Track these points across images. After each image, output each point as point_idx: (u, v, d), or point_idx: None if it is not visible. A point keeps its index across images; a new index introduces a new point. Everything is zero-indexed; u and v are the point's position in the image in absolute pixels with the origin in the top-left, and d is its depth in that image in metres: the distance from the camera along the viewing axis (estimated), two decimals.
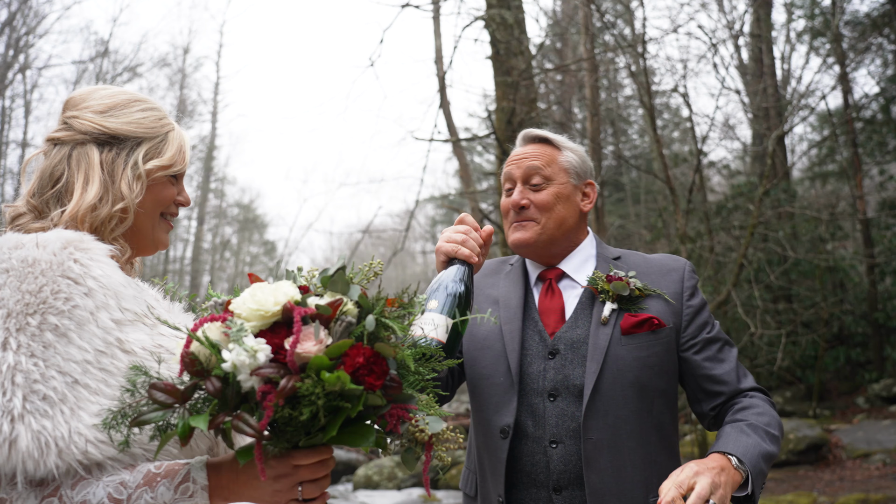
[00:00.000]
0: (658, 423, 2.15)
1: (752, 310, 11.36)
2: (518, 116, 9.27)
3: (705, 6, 15.78)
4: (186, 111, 33.23)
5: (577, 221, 2.34)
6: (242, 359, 1.22)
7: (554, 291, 2.30)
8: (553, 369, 2.17)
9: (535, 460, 2.13)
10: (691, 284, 2.29)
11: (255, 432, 1.22)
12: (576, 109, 18.82)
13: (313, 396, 1.21)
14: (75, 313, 1.43)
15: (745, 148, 17.71)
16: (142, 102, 1.77)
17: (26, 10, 24.38)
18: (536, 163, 2.30)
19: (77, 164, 1.67)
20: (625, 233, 17.64)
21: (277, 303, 1.30)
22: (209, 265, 34.63)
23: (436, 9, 12.42)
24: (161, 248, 1.83)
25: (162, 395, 1.27)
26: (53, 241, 1.50)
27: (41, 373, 1.37)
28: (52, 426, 1.34)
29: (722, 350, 2.24)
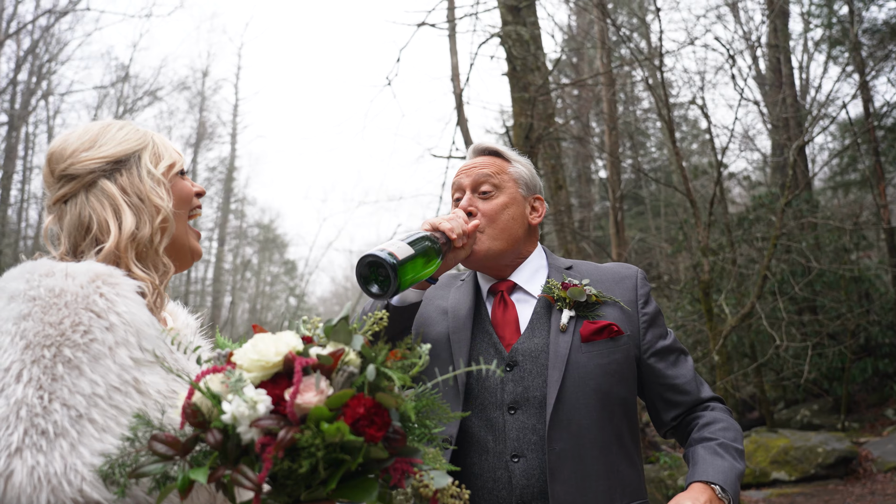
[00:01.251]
0: (618, 431, 2.12)
1: (777, 322, 11.24)
2: (536, 132, 9.27)
3: (721, 18, 15.73)
4: (206, 133, 33.54)
5: (526, 233, 2.33)
6: (242, 410, 1.20)
7: (507, 303, 2.27)
8: (512, 381, 2.14)
9: (496, 476, 2.09)
10: (645, 292, 2.29)
11: (253, 485, 1.19)
12: (593, 123, 18.80)
13: (312, 448, 1.18)
14: (92, 346, 1.41)
15: (765, 159, 17.60)
16: (114, 124, 1.76)
17: (48, 38, 24.75)
18: (486, 170, 2.30)
19: (100, 203, 1.67)
20: (645, 246, 17.55)
21: (279, 353, 1.28)
22: (230, 286, 34.80)
23: (451, 27, 12.47)
24: (196, 258, 1.84)
25: (162, 446, 1.25)
26: (83, 273, 1.49)
27: (44, 406, 1.34)
28: (46, 462, 1.30)
29: (679, 359, 2.25)
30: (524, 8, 9.81)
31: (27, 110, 24.51)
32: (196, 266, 32.01)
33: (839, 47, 14.86)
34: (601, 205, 20.64)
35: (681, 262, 14.84)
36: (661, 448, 10.98)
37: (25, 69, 24.54)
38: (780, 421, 13.11)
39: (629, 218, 19.66)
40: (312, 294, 38.99)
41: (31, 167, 25.27)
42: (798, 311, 13.15)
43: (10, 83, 23.69)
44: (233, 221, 34.73)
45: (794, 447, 10.38)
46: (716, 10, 15.40)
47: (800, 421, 13.17)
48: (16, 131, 23.63)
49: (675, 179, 16.59)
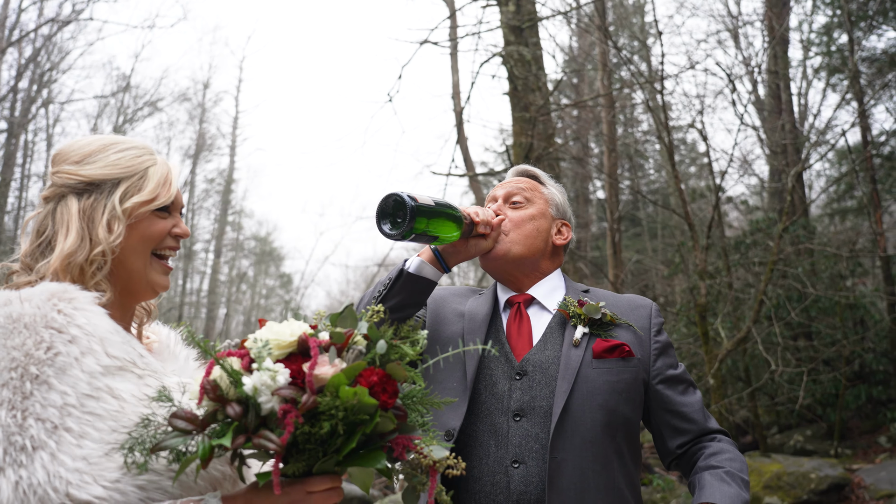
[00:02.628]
0: (619, 450, 2.15)
1: (773, 347, 11.25)
2: (535, 151, 9.31)
3: (722, 43, 15.84)
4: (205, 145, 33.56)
5: (547, 248, 2.41)
6: (265, 379, 1.31)
7: (523, 316, 2.33)
8: (520, 390, 2.18)
9: (495, 480, 2.12)
10: (658, 322, 2.34)
11: (277, 446, 1.29)
12: (592, 144, 18.87)
13: (333, 410, 1.30)
14: (57, 360, 1.45)
15: (763, 183, 17.67)
16: (118, 144, 1.77)
17: (50, 46, 24.81)
18: (521, 185, 2.42)
19: (60, 217, 1.71)
20: (642, 268, 17.57)
21: (293, 334, 1.40)
22: (225, 297, 34.72)
23: (454, 45, 12.54)
24: (160, 290, 1.81)
25: (182, 422, 1.35)
26: (38, 294, 1.53)
27: (19, 424, 1.39)
28: (28, 474, 1.35)
29: (688, 389, 2.29)
30: (527, 28, 9.87)
31: (27, 118, 24.53)
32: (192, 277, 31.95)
33: (838, 75, 14.95)
34: (598, 225, 20.69)
35: (677, 285, 14.85)
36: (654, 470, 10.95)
37: (26, 77, 24.58)
38: (774, 446, 13.08)
39: (626, 239, 19.71)
40: (308, 308, 38.93)
41: (30, 175, 25.25)
42: (793, 337, 13.15)
43: (10, 91, 23.72)
44: (230, 233, 34.71)
45: (788, 472, 10.35)
46: (716, 35, 15.52)
47: (793, 446, 13.14)
48: (15, 139, 23.64)
49: (673, 202, 16.65)
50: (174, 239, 1.82)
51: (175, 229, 1.81)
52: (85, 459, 1.38)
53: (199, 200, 32.52)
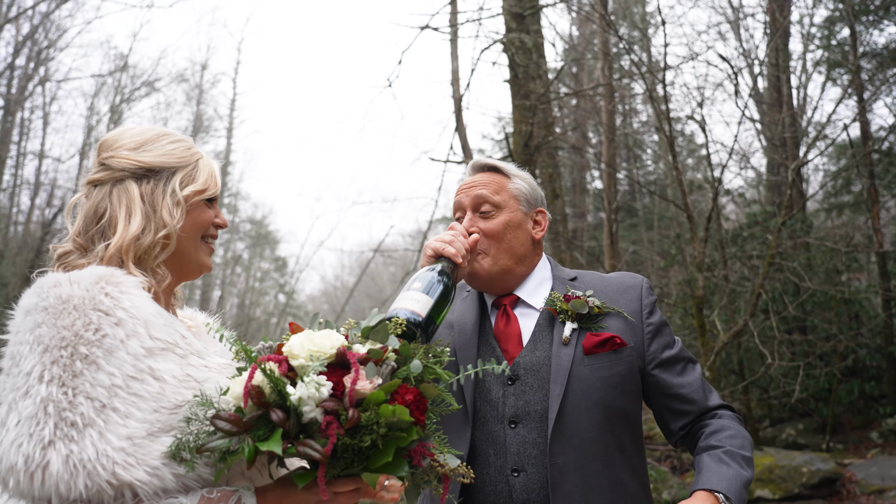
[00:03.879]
0: (620, 443, 2.12)
1: (769, 340, 11.26)
2: (535, 140, 9.27)
3: (723, 35, 15.79)
4: (203, 127, 33.44)
5: (530, 249, 2.32)
6: (312, 391, 1.38)
7: (509, 317, 2.27)
8: (513, 395, 2.14)
9: (497, 490, 2.09)
10: (650, 302, 2.28)
11: (321, 455, 1.36)
12: (591, 134, 18.82)
13: (374, 426, 1.38)
14: (105, 342, 1.52)
15: (760, 177, 17.65)
16: (170, 135, 1.89)
17: (48, 24, 24.62)
18: (485, 191, 2.28)
19: (119, 200, 1.78)
20: (638, 258, 17.57)
21: (333, 346, 1.47)
22: (220, 280, 34.67)
23: (454, 31, 12.46)
24: (205, 271, 1.94)
25: (226, 423, 1.41)
26: (86, 277, 1.61)
27: (69, 400, 1.46)
28: (79, 449, 1.42)
29: (686, 368, 2.24)
30: (528, 16, 9.81)
31: (24, 95, 24.39)
32: None
33: (839, 69, 14.92)
34: (595, 215, 20.67)
35: (672, 276, 14.85)
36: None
37: (24, 54, 24.40)
38: (766, 439, 13.13)
39: (623, 230, 19.69)
40: (302, 292, 38.92)
41: (25, 153, 25.13)
42: (788, 331, 13.18)
43: (7, 67, 23.56)
44: (225, 216, 34.58)
45: (779, 466, 10.38)
46: (717, 26, 15.46)
47: (785, 440, 13.19)
48: (11, 116, 23.51)
49: (671, 193, 16.62)
50: (215, 228, 1.95)
51: (217, 219, 1.94)
52: (130, 439, 1.47)
53: None
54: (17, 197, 25.22)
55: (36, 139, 25.88)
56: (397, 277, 25.65)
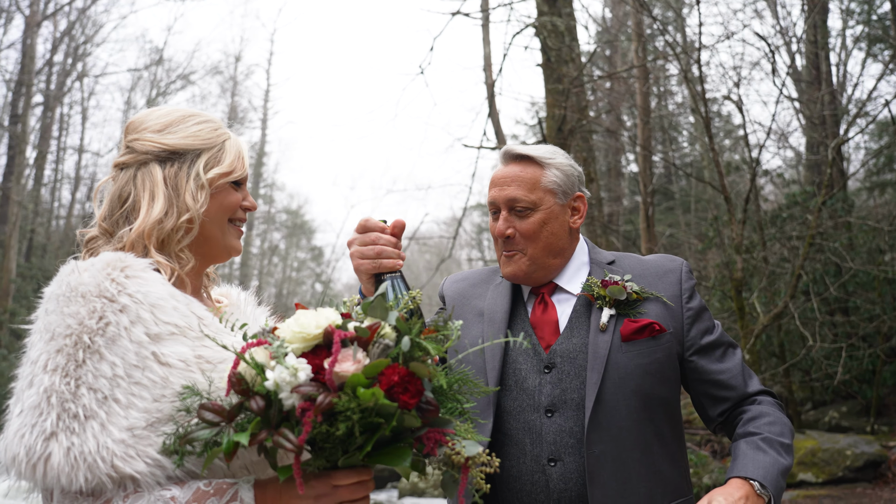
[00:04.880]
0: (658, 431, 2.08)
1: (810, 322, 11.10)
2: (569, 124, 9.21)
3: (759, 13, 15.51)
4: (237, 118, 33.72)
5: (567, 239, 2.26)
6: (284, 376, 1.28)
7: (547, 304, 2.23)
8: (550, 384, 2.10)
9: (534, 479, 2.06)
10: (689, 286, 2.22)
11: (294, 447, 1.27)
12: (626, 117, 18.65)
13: (349, 412, 1.26)
14: (108, 330, 1.49)
15: (800, 156, 17.36)
16: (196, 116, 1.84)
17: (85, 20, 24.98)
18: (518, 192, 2.19)
19: (142, 184, 1.75)
20: (675, 242, 17.40)
21: (319, 326, 1.36)
22: (257, 270, 35.05)
23: (486, 16, 12.40)
24: (234, 254, 1.89)
25: (210, 414, 1.35)
26: (95, 263, 1.58)
27: (72, 391, 1.44)
28: (80, 442, 1.40)
29: (726, 353, 2.19)
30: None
31: (62, 91, 24.80)
32: None
33: (879, 45, 14.58)
34: (631, 199, 20.49)
35: (710, 259, 14.68)
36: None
37: (61, 51, 24.83)
38: (808, 422, 12.96)
39: (659, 213, 19.50)
40: (338, 281, 39.14)
41: (65, 147, 25.57)
42: (830, 312, 12.97)
43: (46, 64, 23.97)
44: (261, 206, 35.00)
45: (822, 449, 10.25)
46: (753, 4, 15.19)
47: (828, 423, 13.01)
48: (51, 112, 23.94)
49: (707, 175, 16.41)
50: (243, 211, 1.89)
51: (244, 202, 1.89)
52: (130, 430, 1.43)
53: None
54: (58, 191, 25.68)
55: (75, 134, 26.33)
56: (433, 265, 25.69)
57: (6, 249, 20.80)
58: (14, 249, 20.80)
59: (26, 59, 22.39)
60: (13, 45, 22.90)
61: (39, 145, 23.70)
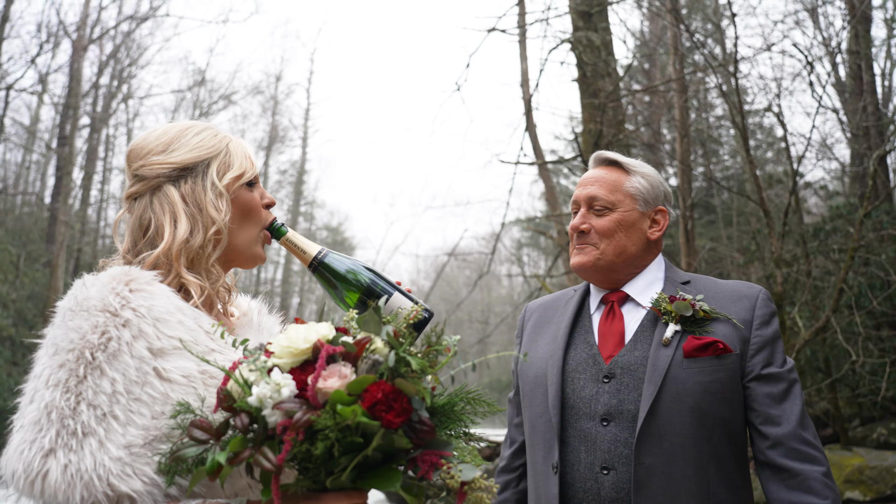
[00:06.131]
0: (717, 453, 2.05)
1: (854, 337, 10.88)
2: (605, 138, 9.18)
3: (800, 23, 15.33)
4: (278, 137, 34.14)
5: (642, 248, 2.29)
6: (265, 393, 1.24)
7: (615, 314, 2.25)
8: (607, 393, 2.12)
9: (586, 487, 2.08)
10: (764, 313, 2.17)
11: (273, 466, 1.22)
12: (664, 130, 18.51)
13: (327, 430, 1.20)
14: (109, 345, 1.47)
15: (844, 168, 17.08)
16: (193, 127, 1.80)
17: (130, 43, 25.56)
18: (599, 191, 2.27)
19: (161, 208, 1.72)
20: (716, 256, 17.19)
21: (307, 340, 1.32)
22: (298, 287, 35.34)
23: (522, 33, 12.43)
24: (260, 262, 1.87)
25: (199, 432, 1.31)
26: (102, 277, 1.57)
27: (72, 408, 1.41)
28: (78, 459, 1.38)
29: (788, 393, 2.09)
30: (596, 13, 9.73)
31: (108, 113, 25.36)
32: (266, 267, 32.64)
33: None
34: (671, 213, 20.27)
35: (753, 273, 14.47)
36: None
37: (107, 73, 25.42)
38: (855, 439, 12.68)
39: (699, 227, 19.29)
40: None
41: (111, 168, 26.11)
42: (876, 326, 12.70)
43: (92, 87, 24.55)
44: (302, 224, 35.33)
45: (870, 466, 10.02)
46: (794, 15, 15.02)
47: (876, 439, 12.71)
48: (97, 133, 24.50)
49: (749, 188, 16.22)
50: (266, 208, 1.86)
51: (264, 200, 1.85)
52: (128, 448, 1.41)
53: (272, 191, 33.15)
54: (104, 211, 26.19)
55: (121, 155, 26.88)
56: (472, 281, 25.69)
57: (54, 269, 21.25)
58: (61, 269, 21.25)
59: (73, 83, 22.96)
60: (61, 68, 23.51)
61: (86, 166, 24.25)
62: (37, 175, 27.40)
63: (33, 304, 21.58)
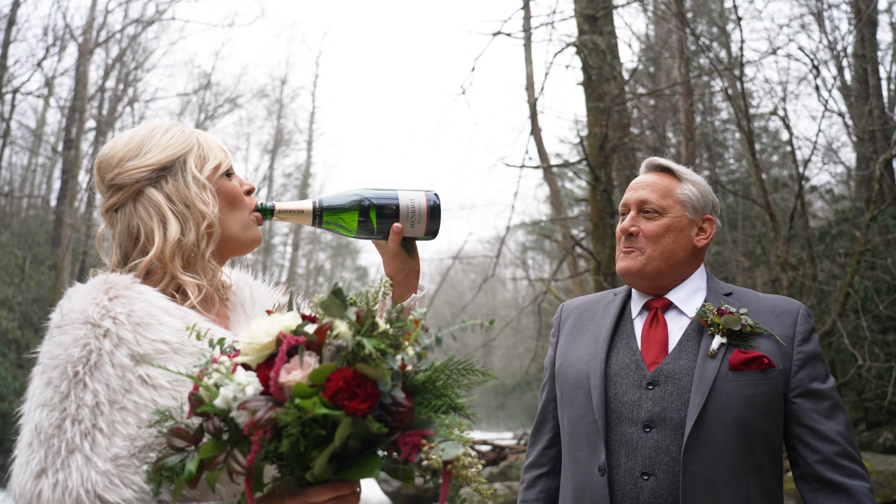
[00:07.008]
0: (758, 464, 2.07)
1: (860, 341, 10.85)
2: (610, 142, 9.18)
3: (805, 27, 15.32)
4: (283, 140, 34.20)
5: (689, 255, 2.30)
6: (228, 394, 1.20)
7: (659, 321, 2.26)
8: (651, 400, 2.12)
9: (625, 491, 2.09)
10: (805, 329, 2.19)
11: (243, 469, 1.18)
12: (670, 134, 18.50)
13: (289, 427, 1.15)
14: (91, 357, 1.44)
15: (849, 172, 17.04)
16: (159, 127, 1.75)
17: (135, 47, 25.64)
18: (651, 195, 2.29)
19: (146, 213, 1.67)
20: (721, 259, 17.17)
21: (269, 333, 1.27)
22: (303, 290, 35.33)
23: (527, 36, 12.46)
24: (256, 246, 1.83)
25: (178, 439, 1.27)
26: (82, 288, 1.55)
27: (57, 425, 1.40)
28: (65, 477, 1.37)
29: (834, 409, 2.12)
30: (601, 17, 9.74)
31: (114, 116, 25.44)
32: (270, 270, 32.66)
33: None
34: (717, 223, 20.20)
35: (758, 277, 14.45)
36: None
37: (113, 76, 25.50)
38: (862, 444, 12.63)
39: None
40: None
41: None
42: (882, 330, 12.66)
43: (98, 90, 24.63)
44: (307, 227, 35.30)
45: (876, 471, 9.99)
46: (799, 19, 15.01)
47: (882, 444, 12.67)
48: (103, 136, 24.55)
49: (754, 192, 16.19)
50: (248, 194, 1.82)
51: (244, 187, 1.82)
52: (114, 460, 1.39)
53: (277, 195, 33.19)
54: None
55: None
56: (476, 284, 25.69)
57: (59, 272, 21.32)
58: (67, 271, 21.32)
59: (79, 86, 23.04)
60: (67, 72, 23.61)
61: (92, 169, 24.29)
62: (43, 178, 27.50)
63: (39, 307, 21.63)
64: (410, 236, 1.88)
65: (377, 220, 1.84)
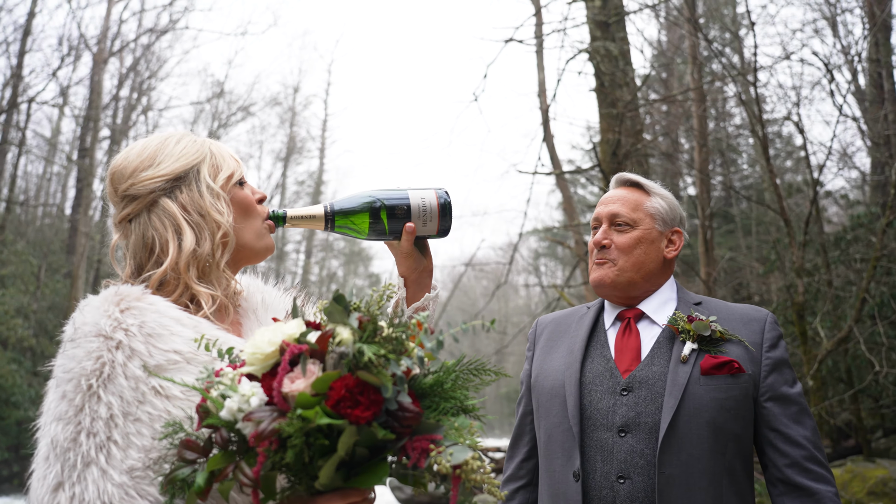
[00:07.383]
0: (730, 466, 2.13)
1: (876, 347, 10.76)
2: (623, 148, 9.16)
3: (819, 32, 15.25)
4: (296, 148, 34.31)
5: (659, 267, 2.38)
6: (233, 405, 1.19)
7: (632, 330, 2.33)
8: (625, 406, 2.18)
9: (601, 495, 2.14)
10: (773, 336, 2.27)
11: (249, 482, 1.18)
12: (683, 140, 18.45)
13: (293, 437, 1.14)
14: (104, 370, 1.44)
15: (864, 177, 16.93)
16: (172, 137, 1.75)
17: (149, 56, 25.81)
18: (622, 209, 2.38)
19: (161, 223, 1.66)
20: (735, 265, 17.08)
21: (272, 343, 1.25)
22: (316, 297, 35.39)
23: (539, 43, 12.46)
24: (270, 252, 1.82)
25: (188, 451, 1.26)
26: (94, 300, 1.54)
27: (72, 438, 1.40)
28: (81, 490, 1.36)
29: (802, 414, 2.19)
30: (613, 23, 9.72)
31: (128, 125, 25.61)
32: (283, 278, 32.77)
33: None
34: (689, 223, 20.20)
35: (773, 283, 14.36)
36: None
37: (127, 85, 25.68)
38: (879, 450, 12.53)
39: (718, 236, 19.18)
40: None
41: None
42: None
43: (112, 99, 24.81)
44: (319, 234, 35.44)
45: (893, 478, 9.89)
46: (813, 24, 14.95)
47: None
48: (117, 145, 24.72)
49: (768, 197, 16.11)
50: (260, 203, 1.82)
51: (255, 195, 1.81)
52: (130, 472, 1.39)
53: (289, 202, 33.31)
54: None
55: None
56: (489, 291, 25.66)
57: (74, 279, 21.44)
58: (82, 279, 21.44)
59: (94, 95, 23.20)
60: (81, 81, 23.78)
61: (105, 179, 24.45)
62: (58, 187, 27.71)
63: (54, 315, 21.79)
64: (423, 235, 1.90)
65: (389, 221, 1.85)
